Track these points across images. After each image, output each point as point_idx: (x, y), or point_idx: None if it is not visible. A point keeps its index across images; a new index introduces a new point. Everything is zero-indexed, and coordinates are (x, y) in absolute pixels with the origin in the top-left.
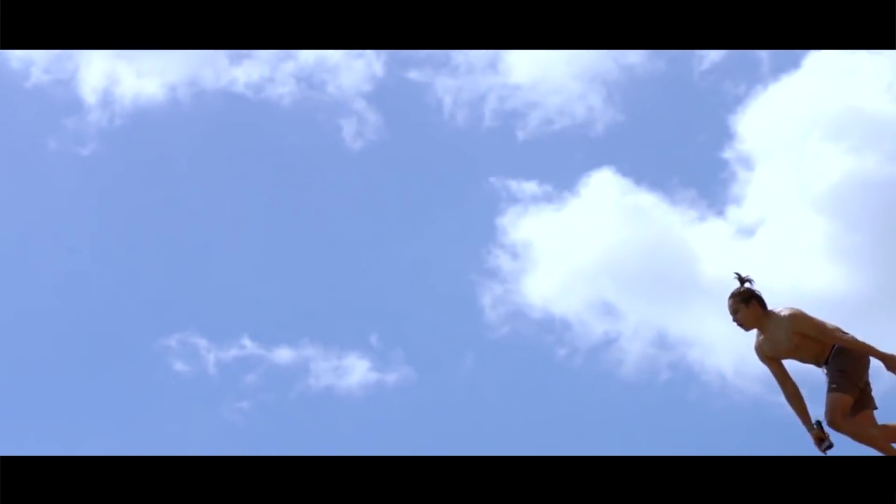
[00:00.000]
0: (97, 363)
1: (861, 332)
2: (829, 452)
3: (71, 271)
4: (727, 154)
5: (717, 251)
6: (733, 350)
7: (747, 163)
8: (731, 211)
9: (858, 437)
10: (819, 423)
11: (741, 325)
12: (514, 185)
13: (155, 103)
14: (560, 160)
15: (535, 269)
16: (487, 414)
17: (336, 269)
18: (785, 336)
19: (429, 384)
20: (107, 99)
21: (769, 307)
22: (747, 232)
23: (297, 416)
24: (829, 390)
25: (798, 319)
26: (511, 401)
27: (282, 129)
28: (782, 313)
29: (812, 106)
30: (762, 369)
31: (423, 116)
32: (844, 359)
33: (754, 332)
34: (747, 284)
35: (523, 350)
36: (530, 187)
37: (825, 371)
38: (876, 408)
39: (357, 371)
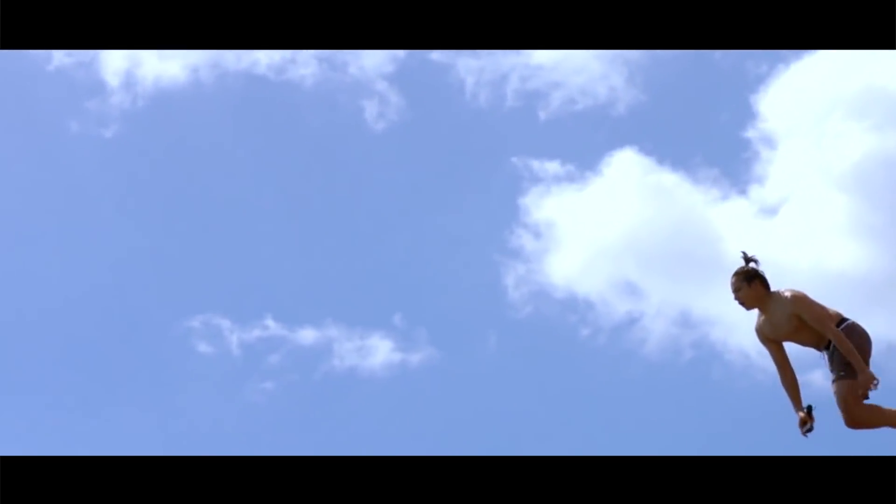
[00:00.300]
0: (120, 345)
1: (885, 309)
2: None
3: (93, 253)
4: (749, 133)
5: (739, 230)
6: None
7: (770, 142)
8: (754, 190)
9: (874, 421)
10: (810, 406)
11: (742, 303)
12: (536, 164)
13: (177, 85)
14: (582, 140)
15: (558, 249)
16: (511, 393)
17: (359, 250)
18: (784, 318)
19: (452, 364)
20: (129, 81)
21: (772, 288)
22: (770, 211)
23: (320, 396)
24: (838, 378)
25: (798, 302)
26: (534, 380)
27: (304, 111)
28: (784, 294)
29: (834, 85)
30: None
31: (445, 97)
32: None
33: (756, 312)
34: (752, 264)
35: (546, 330)
36: (553, 167)
37: (825, 356)
38: (867, 397)
39: (381, 351)
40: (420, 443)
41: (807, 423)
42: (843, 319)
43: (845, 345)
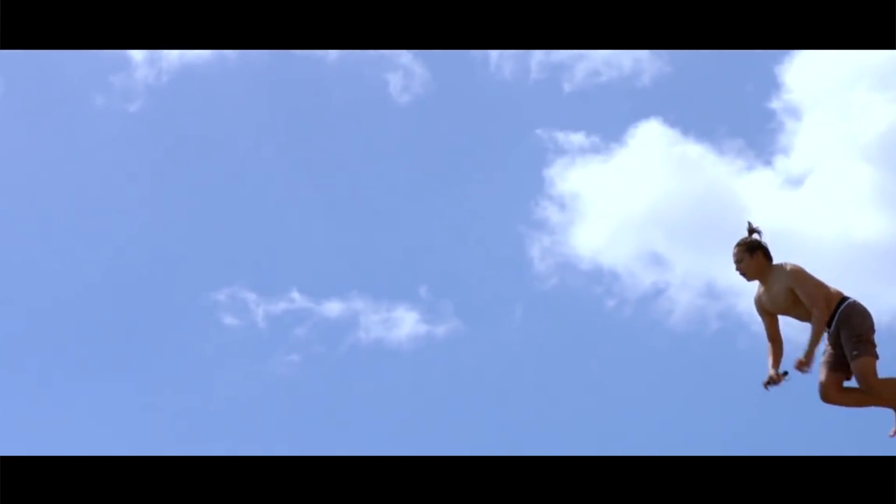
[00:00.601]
0: (147, 319)
1: None
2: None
3: (119, 227)
4: (774, 104)
5: (765, 201)
6: None
7: (795, 112)
8: (779, 161)
9: (889, 398)
10: (786, 372)
11: (744, 274)
12: (561, 136)
13: (201, 59)
14: (607, 111)
15: (584, 221)
16: (537, 365)
17: (384, 222)
18: (782, 291)
19: (478, 336)
20: (153, 56)
21: (775, 261)
22: (795, 182)
23: (346, 368)
24: (853, 358)
25: (794, 276)
26: (560, 352)
27: (328, 84)
28: (783, 267)
29: (859, 55)
30: None
31: (469, 70)
32: (854, 323)
33: (757, 283)
34: (755, 235)
35: (572, 301)
36: (577, 139)
37: (827, 335)
38: (849, 377)
39: (406, 323)
40: (445, 415)
41: (773, 381)
42: (845, 298)
43: (819, 329)
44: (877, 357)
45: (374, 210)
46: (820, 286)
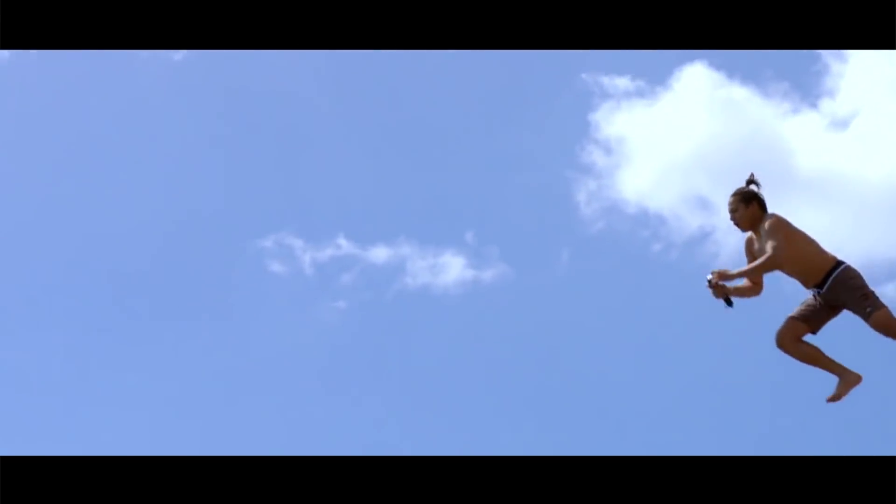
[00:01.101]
0: (194, 266)
1: None
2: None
3: (164, 174)
4: None
5: (810, 144)
6: (828, 243)
7: (840, 55)
8: (825, 103)
9: None
10: (731, 304)
11: (738, 224)
12: (606, 80)
13: None
14: (652, 55)
15: (629, 165)
16: (584, 308)
17: (430, 168)
18: (767, 243)
19: (524, 280)
20: None
21: (769, 211)
22: (841, 124)
23: (393, 314)
24: (868, 316)
25: (769, 228)
26: (607, 295)
27: None
28: (767, 220)
29: None
30: (857, 261)
31: None
32: (855, 284)
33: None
34: (752, 186)
35: (618, 245)
36: (623, 83)
37: (817, 294)
38: (814, 332)
39: (453, 269)
40: (492, 360)
41: (714, 286)
42: (840, 262)
43: (759, 266)
44: (887, 306)
45: (421, 155)
46: (796, 242)
